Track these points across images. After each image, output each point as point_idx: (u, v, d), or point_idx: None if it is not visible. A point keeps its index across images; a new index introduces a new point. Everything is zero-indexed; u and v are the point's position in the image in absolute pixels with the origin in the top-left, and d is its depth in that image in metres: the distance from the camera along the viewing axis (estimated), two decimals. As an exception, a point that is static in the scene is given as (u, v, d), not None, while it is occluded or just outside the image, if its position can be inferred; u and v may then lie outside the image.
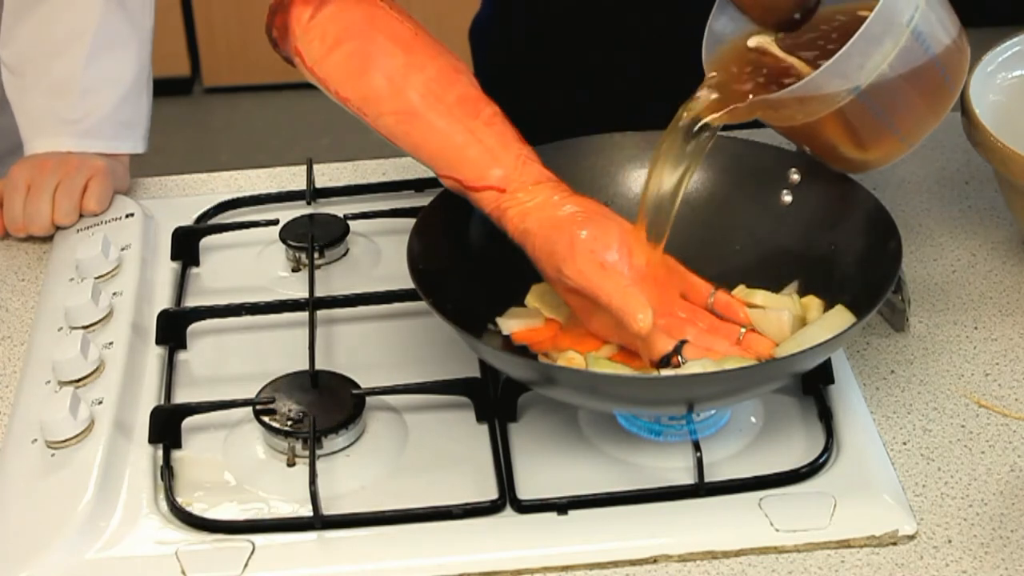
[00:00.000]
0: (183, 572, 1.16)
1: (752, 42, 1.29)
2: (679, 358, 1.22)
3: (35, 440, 1.25)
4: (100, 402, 1.27)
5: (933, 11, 1.24)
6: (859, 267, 1.28)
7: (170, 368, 1.34)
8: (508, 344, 1.28)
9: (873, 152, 1.29)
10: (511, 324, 1.28)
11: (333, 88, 1.32)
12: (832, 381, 1.27)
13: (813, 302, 1.29)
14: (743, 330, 1.26)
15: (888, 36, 1.22)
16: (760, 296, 1.29)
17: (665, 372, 1.22)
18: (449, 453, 1.25)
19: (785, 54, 1.27)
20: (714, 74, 1.29)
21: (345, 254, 1.47)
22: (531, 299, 1.31)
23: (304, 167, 1.57)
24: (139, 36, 1.57)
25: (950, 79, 1.28)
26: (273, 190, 1.55)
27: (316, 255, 1.45)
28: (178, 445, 1.26)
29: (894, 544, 1.17)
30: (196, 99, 3.64)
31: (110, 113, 1.55)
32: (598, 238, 1.23)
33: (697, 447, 1.20)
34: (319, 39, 1.31)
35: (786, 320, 1.26)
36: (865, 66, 1.22)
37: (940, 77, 1.27)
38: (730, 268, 1.32)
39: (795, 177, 1.33)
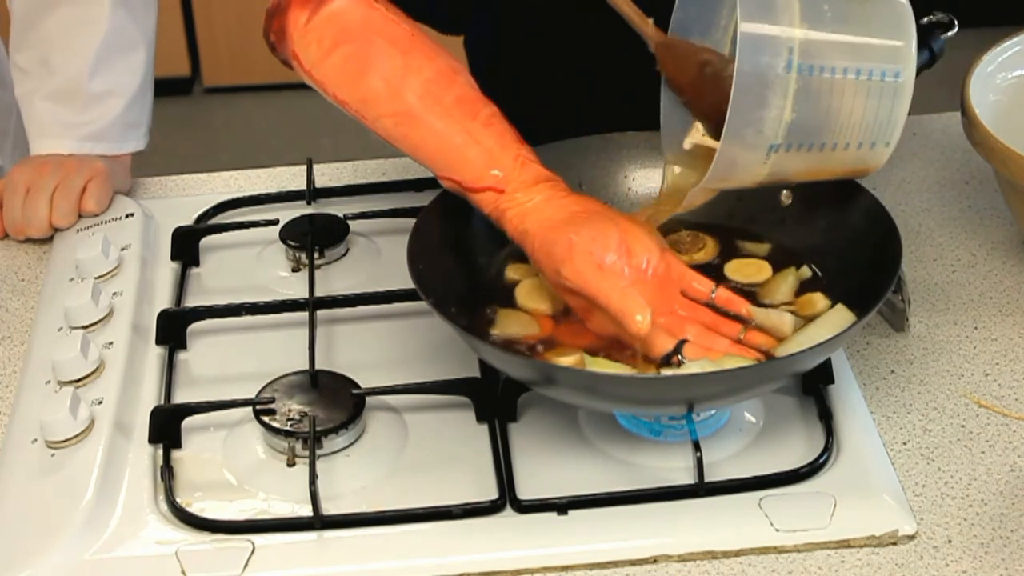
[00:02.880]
0: (183, 572, 1.16)
1: (687, 144, 1.28)
2: (679, 357, 1.22)
3: (35, 440, 1.25)
4: (100, 402, 1.27)
5: (821, 35, 1.17)
6: (859, 267, 1.28)
7: (170, 368, 1.34)
8: (508, 344, 1.27)
9: (853, 167, 1.26)
10: (505, 331, 1.27)
11: (331, 91, 1.32)
12: (832, 381, 1.27)
13: (817, 297, 1.28)
14: (743, 330, 1.26)
15: (770, 93, 1.17)
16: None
17: (665, 371, 1.22)
18: (449, 453, 1.25)
19: (715, 142, 1.23)
20: (672, 163, 1.31)
21: (345, 254, 1.47)
22: (521, 297, 1.30)
23: (304, 167, 1.57)
24: (145, 39, 1.57)
25: (889, 72, 1.21)
26: (273, 190, 1.55)
27: (316, 255, 1.45)
28: (178, 445, 1.26)
29: (894, 544, 1.17)
30: (196, 99, 3.64)
31: (118, 117, 1.56)
32: (596, 239, 1.23)
33: (697, 447, 1.20)
34: (316, 42, 1.31)
35: (788, 318, 1.26)
36: (763, 130, 1.18)
37: (871, 83, 1.20)
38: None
39: (795, 177, 1.33)
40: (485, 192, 1.28)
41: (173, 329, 1.37)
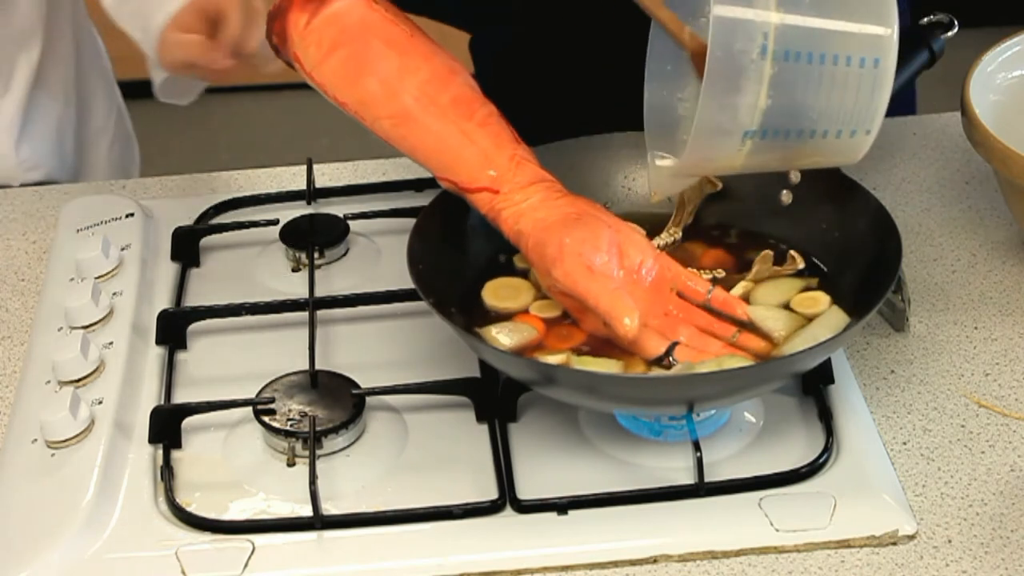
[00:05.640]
0: (183, 572, 1.16)
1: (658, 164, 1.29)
2: (670, 360, 1.22)
3: (35, 440, 1.25)
4: (100, 402, 1.27)
5: (798, 21, 1.16)
6: (859, 267, 1.28)
7: (170, 368, 1.34)
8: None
9: (835, 155, 1.24)
10: (504, 341, 1.27)
11: (331, 92, 1.32)
12: (832, 381, 1.27)
13: (818, 296, 1.28)
14: (736, 332, 1.26)
15: (743, 79, 1.15)
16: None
17: (655, 372, 1.22)
18: (449, 453, 1.25)
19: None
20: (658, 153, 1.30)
21: (345, 254, 1.47)
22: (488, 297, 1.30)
23: (304, 167, 1.57)
24: None
25: (868, 60, 1.18)
26: (273, 190, 1.55)
27: (316, 255, 1.45)
28: (178, 445, 1.26)
29: (894, 544, 1.17)
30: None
31: None
32: (587, 240, 1.23)
33: (697, 447, 1.20)
34: (315, 44, 1.31)
35: (783, 322, 1.26)
36: (738, 116, 1.17)
37: (851, 70, 1.18)
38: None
39: (795, 177, 1.33)
40: (481, 192, 1.28)
41: (173, 329, 1.37)
